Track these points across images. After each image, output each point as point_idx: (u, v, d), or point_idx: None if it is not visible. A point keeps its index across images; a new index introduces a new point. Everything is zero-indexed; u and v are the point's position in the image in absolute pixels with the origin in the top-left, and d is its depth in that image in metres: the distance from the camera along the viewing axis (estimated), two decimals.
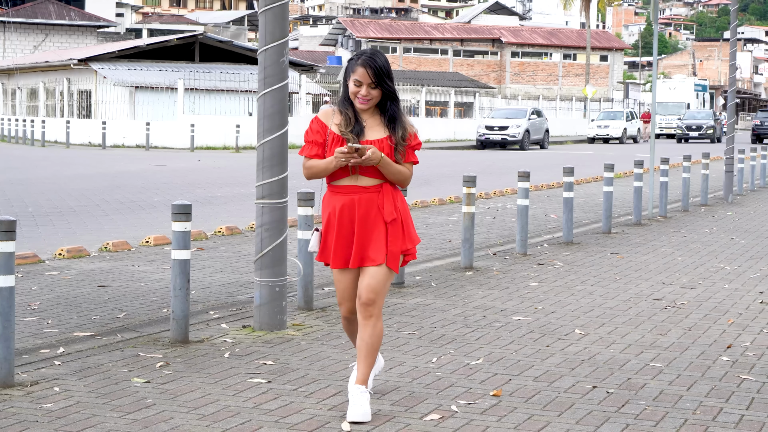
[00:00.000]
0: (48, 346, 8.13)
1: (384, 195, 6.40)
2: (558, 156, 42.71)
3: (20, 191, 21.76)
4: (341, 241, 6.39)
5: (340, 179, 6.40)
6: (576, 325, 9.20)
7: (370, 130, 6.41)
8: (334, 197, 6.43)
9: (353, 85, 6.37)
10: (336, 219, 6.38)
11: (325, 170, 6.36)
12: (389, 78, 6.43)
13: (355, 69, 6.37)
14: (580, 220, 17.80)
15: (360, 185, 6.38)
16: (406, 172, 6.48)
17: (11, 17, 69.88)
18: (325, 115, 6.49)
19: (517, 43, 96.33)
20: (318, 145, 6.40)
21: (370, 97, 6.36)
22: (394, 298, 10.35)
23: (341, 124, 6.37)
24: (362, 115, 6.45)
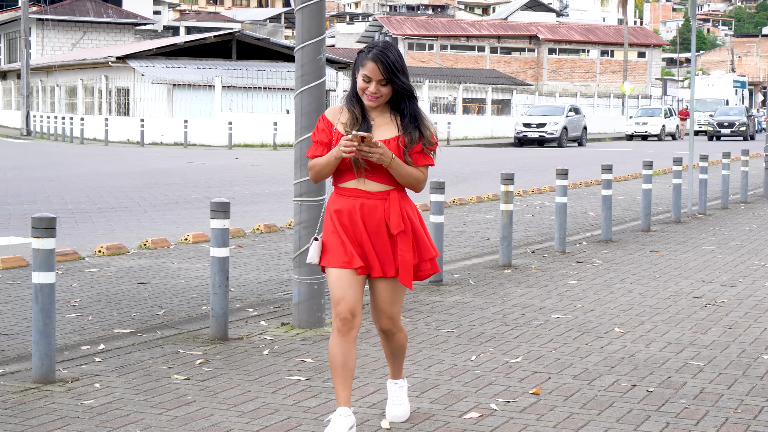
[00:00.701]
0: (88, 343, 8.17)
1: (391, 203, 5.79)
2: (596, 153, 42.54)
3: (60, 188, 21.89)
4: (345, 240, 5.79)
5: (345, 181, 5.83)
6: (615, 323, 9.16)
7: (379, 129, 5.84)
8: (336, 198, 5.87)
9: (362, 80, 5.79)
10: (336, 218, 5.81)
11: (325, 165, 5.78)
12: (403, 74, 5.83)
13: (365, 63, 5.78)
14: (618, 218, 17.73)
15: (365, 190, 5.78)
16: (420, 175, 5.84)
17: (49, 15, 70.23)
18: (332, 113, 5.95)
19: (554, 39, 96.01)
20: (323, 145, 5.85)
21: (379, 95, 5.79)
22: (432, 296, 10.34)
23: (348, 123, 5.83)
24: (371, 113, 5.88)
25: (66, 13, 74.50)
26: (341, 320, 5.77)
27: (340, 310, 5.76)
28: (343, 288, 5.77)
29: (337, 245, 5.79)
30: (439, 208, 11.20)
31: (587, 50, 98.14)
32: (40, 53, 72.22)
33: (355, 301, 5.77)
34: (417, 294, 10.43)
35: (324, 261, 5.84)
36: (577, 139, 52.17)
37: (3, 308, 9.55)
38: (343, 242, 5.78)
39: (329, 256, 5.82)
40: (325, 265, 5.83)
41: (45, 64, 59.72)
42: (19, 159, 32.79)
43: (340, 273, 5.77)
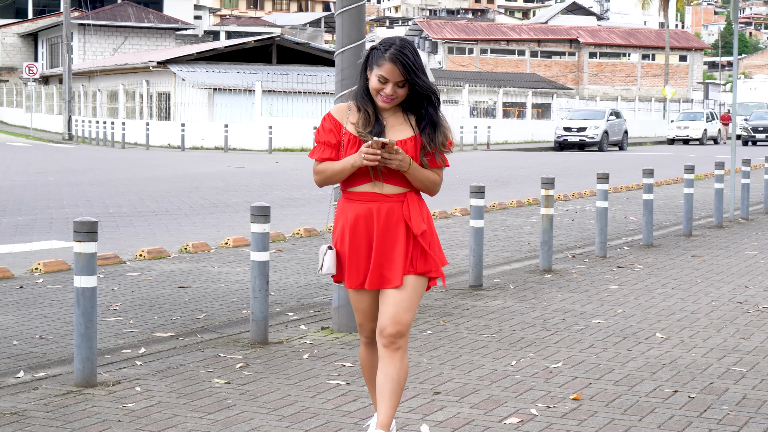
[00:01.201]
0: (129, 347, 8.20)
1: (410, 205, 5.44)
2: (637, 157, 42.35)
3: (101, 193, 22.02)
4: (355, 257, 5.46)
5: (358, 185, 5.44)
6: (657, 328, 9.10)
7: (392, 129, 5.43)
8: (349, 205, 5.47)
9: (376, 80, 5.36)
10: (348, 231, 5.45)
11: (341, 172, 5.39)
12: (423, 73, 5.40)
13: (381, 63, 5.35)
14: (660, 223, 17.63)
15: (382, 193, 5.41)
16: (436, 178, 5.49)
17: (91, 20, 70.72)
18: (339, 112, 5.51)
19: (594, 43, 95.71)
20: (331, 146, 5.44)
21: (395, 97, 5.38)
22: (472, 301, 10.32)
23: (359, 123, 5.40)
24: (383, 113, 5.46)
25: (107, 18, 74.98)
26: (366, 337, 5.67)
27: (363, 329, 5.65)
28: (362, 308, 5.58)
29: (349, 261, 5.48)
30: (480, 213, 11.18)
31: (628, 54, 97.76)
32: (81, 58, 72.71)
33: (375, 320, 5.57)
34: (457, 299, 10.42)
35: (340, 278, 5.56)
36: (618, 143, 51.94)
37: (45, 312, 9.61)
38: (353, 258, 5.46)
39: (347, 273, 5.50)
40: (343, 283, 5.56)
41: (87, 69, 60.10)
42: (61, 163, 33.02)
43: (359, 293, 5.54)
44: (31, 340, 8.46)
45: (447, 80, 66.54)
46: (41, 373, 7.35)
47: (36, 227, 15.98)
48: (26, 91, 66.50)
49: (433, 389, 6.98)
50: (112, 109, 56.74)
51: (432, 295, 10.58)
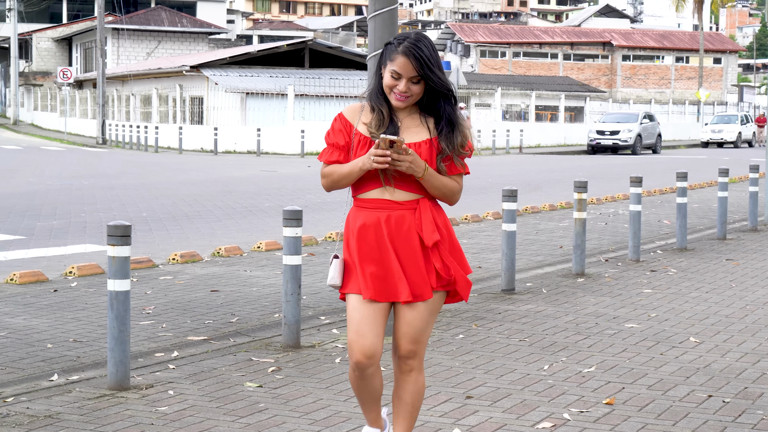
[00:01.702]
0: (162, 350, 8.23)
1: (422, 213, 4.99)
2: (671, 160, 42.17)
3: (135, 196, 22.12)
4: (365, 267, 5.02)
5: (367, 191, 5.05)
6: (690, 332, 9.06)
7: (407, 131, 5.04)
8: (358, 213, 5.10)
9: (390, 76, 4.99)
10: (356, 241, 5.06)
11: (348, 176, 5.02)
12: (439, 69, 5.02)
13: (394, 57, 4.97)
14: (693, 226, 17.54)
15: (392, 199, 5.00)
16: (455, 186, 5.07)
17: (125, 24, 71.08)
18: (351, 112, 5.15)
19: (628, 46, 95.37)
20: (339, 148, 5.07)
21: (409, 94, 4.99)
22: (504, 305, 10.30)
23: (371, 124, 5.03)
24: (398, 114, 5.08)
25: (141, 22, 75.33)
26: (355, 363, 5.05)
27: (353, 351, 5.02)
28: (365, 323, 5.01)
29: (362, 270, 5.04)
30: (512, 216, 11.15)
31: (662, 56, 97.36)
32: (115, 62, 73.08)
33: (371, 343, 5.01)
34: (489, 303, 10.40)
35: (342, 286, 5.11)
36: (652, 146, 51.73)
37: (79, 315, 9.66)
38: (366, 267, 5.03)
39: (347, 281, 5.09)
40: (342, 290, 5.11)
41: (120, 73, 60.39)
42: (94, 167, 33.19)
43: (358, 301, 5.03)
44: (65, 343, 8.51)
45: (479, 84, 66.47)
46: (75, 376, 7.38)
47: (70, 231, 16.07)
48: (60, 95, 66.90)
49: (465, 393, 6.97)
50: (145, 113, 56.99)
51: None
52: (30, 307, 10.02)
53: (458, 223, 17.67)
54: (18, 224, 16.69)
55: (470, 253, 14.15)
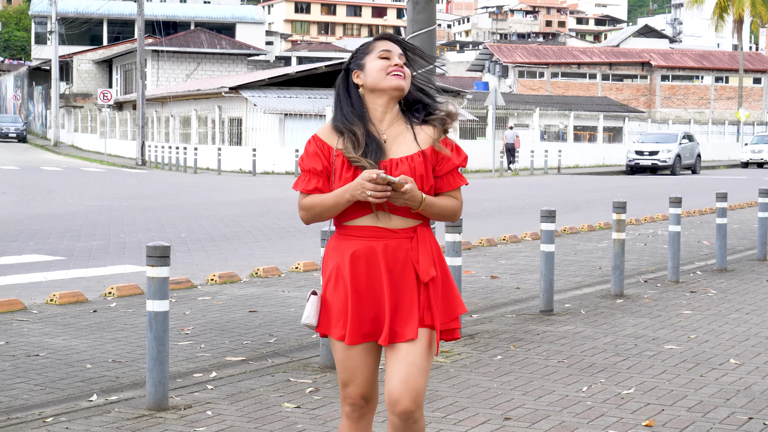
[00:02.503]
0: (201, 370, 8.25)
1: (420, 243, 4.45)
2: (710, 181, 41.94)
3: (174, 217, 22.21)
4: (357, 306, 4.44)
5: (357, 218, 4.45)
6: (731, 354, 8.99)
7: (394, 143, 4.48)
8: (345, 243, 4.47)
9: (378, 59, 4.50)
10: (348, 273, 4.43)
11: (334, 208, 4.42)
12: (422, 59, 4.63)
13: (372, 46, 4.56)
14: (733, 247, 17.43)
15: (386, 227, 4.43)
16: (455, 205, 4.55)
17: (165, 46, 71.53)
18: (326, 132, 4.52)
19: (667, 66, 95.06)
20: (317, 174, 4.47)
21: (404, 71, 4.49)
22: (543, 326, 10.26)
23: (346, 147, 4.44)
24: (380, 122, 4.50)
25: (181, 44, 75.80)
26: (350, 406, 4.58)
27: (349, 393, 4.56)
28: (353, 366, 4.50)
29: (345, 307, 4.48)
30: (550, 237, 11.12)
31: (701, 76, 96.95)
32: (155, 84, 73.55)
33: (368, 383, 4.55)
34: (527, 323, 10.36)
35: (325, 327, 4.54)
36: (691, 166, 51.46)
37: (118, 336, 9.70)
38: (357, 306, 4.45)
39: (333, 321, 4.51)
40: (326, 333, 4.55)
41: (160, 94, 60.75)
42: (134, 188, 33.38)
43: (352, 350, 4.49)
44: (104, 363, 8.54)
45: (517, 104, 66.40)
46: (114, 396, 7.41)
47: (109, 252, 16.15)
48: (100, 117, 67.38)
49: (503, 415, 6.94)
50: (184, 135, 57.29)
51: (502, 319, 10.54)
52: (69, 327, 10.08)
53: (496, 243, 17.64)
54: (58, 245, 16.79)
55: (508, 273, 14.12)
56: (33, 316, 10.58)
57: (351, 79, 4.56)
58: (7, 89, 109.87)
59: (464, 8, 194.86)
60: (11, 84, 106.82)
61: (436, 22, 9.14)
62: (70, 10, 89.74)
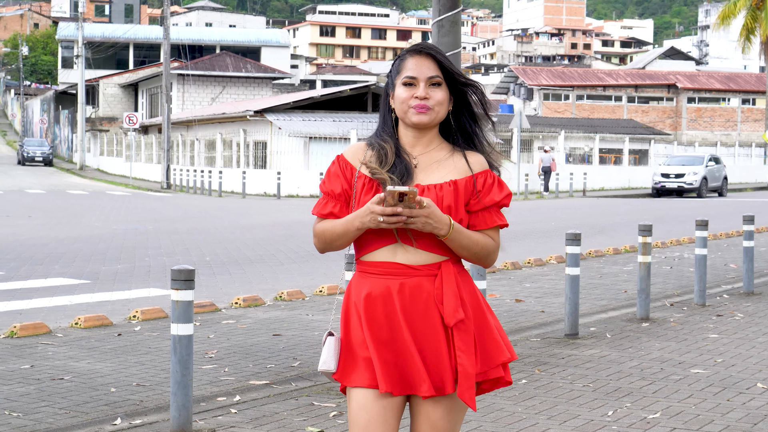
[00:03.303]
0: (224, 394, 8.24)
1: (444, 281, 3.88)
2: (737, 204, 41.76)
3: (198, 240, 22.25)
4: (378, 349, 3.90)
5: (373, 250, 3.94)
6: (758, 378, 8.92)
7: (426, 169, 3.97)
8: (363, 279, 3.96)
9: (403, 89, 3.95)
10: (364, 317, 3.93)
11: (343, 236, 3.92)
12: (461, 75, 4.02)
13: (403, 65, 3.98)
14: (761, 270, 17.33)
15: (406, 263, 3.89)
16: (490, 243, 4.00)
17: (190, 70, 71.86)
18: (353, 152, 4.05)
19: (693, 88, 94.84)
20: (335, 198, 4.00)
21: (431, 103, 3.93)
22: (568, 350, 10.21)
23: (370, 161, 3.96)
24: (412, 148, 4.00)
25: (206, 68, 76.13)
26: None
27: None
28: (369, 426, 3.89)
29: (362, 355, 3.94)
30: (576, 260, 11.08)
31: (728, 99, 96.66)
32: (180, 108, 73.86)
33: None
34: (552, 347, 10.31)
35: (342, 376, 3.99)
36: (718, 189, 51.28)
37: (142, 359, 9.70)
38: (375, 351, 3.91)
39: (350, 369, 3.96)
40: (343, 382, 4.00)
41: (185, 118, 60.99)
42: (159, 212, 33.48)
43: (366, 398, 3.91)
44: (129, 387, 8.54)
45: (543, 126, 66.33)
46: (138, 420, 7.40)
47: (134, 275, 16.19)
48: (126, 140, 67.66)
49: None
50: (209, 158, 57.47)
51: (527, 343, 10.49)
52: (94, 351, 10.09)
53: (521, 266, 17.59)
54: (83, 268, 16.84)
55: (533, 297, 14.07)
56: (58, 340, 10.60)
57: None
58: (33, 113, 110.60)
59: (489, 31, 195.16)
60: (38, 108, 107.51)
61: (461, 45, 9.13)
62: (97, 34, 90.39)
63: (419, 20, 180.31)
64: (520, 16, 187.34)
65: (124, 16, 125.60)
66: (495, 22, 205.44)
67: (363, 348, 3.94)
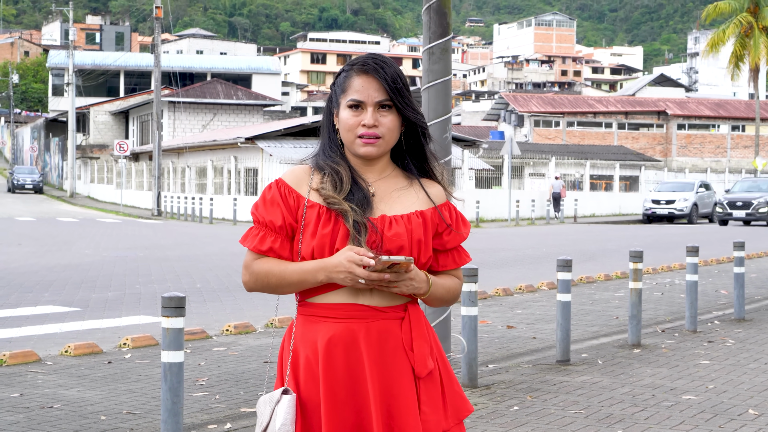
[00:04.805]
0: (215, 422, 8.21)
1: (413, 325, 3.48)
2: (728, 230, 41.82)
3: (189, 267, 22.21)
4: (332, 407, 3.39)
5: (328, 291, 3.45)
6: (750, 405, 8.91)
7: (386, 198, 3.52)
8: (314, 326, 3.45)
9: (348, 111, 3.48)
10: (322, 366, 3.40)
11: (298, 285, 3.43)
12: (410, 93, 3.55)
13: (349, 83, 3.51)
14: (751, 296, 17.33)
15: (370, 305, 3.43)
16: (458, 286, 3.64)
17: (181, 98, 71.94)
18: (296, 177, 3.53)
19: (683, 115, 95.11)
20: (275, 231, 3.47)
21: (382, 130, 3.46)
22: (559, 376, 10.19)
23: (326, 187, 3.45)
24: (365, 174, 3.54)
25: (197, 95, 76.19)
26: None
27: None
28: None
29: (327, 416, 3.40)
30: (567, 287, 11.07)
31: (717, 125, 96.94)
32: (171, 135, 73.88)
33: None
34: (544, 374, 10.29)
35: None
36: (708, 215, 51.38)
37: (132, 387, 9.67)
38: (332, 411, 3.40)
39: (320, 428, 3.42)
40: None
41: (176, 145, 61.02)
42: (149, 239, 33.43)
43: None
44: (119, 415, 8.50)
45: (533, 153, 66.48)
46: None
47: (125, 302, 16.14)
48: (117, 167, 67.66)
49: None
50: (200, 185, 57.47)
51: (518, 369, 10.47)
52: (84, 379, 10.05)
53: (513, 293, 17.57)
54: (73, 296, 16.79)
55: (525, 323, 14.05)
56: (48, 368, 10.56)
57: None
58: (24, 141, 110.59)
59: (480, 58, 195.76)
60: (28, 136, 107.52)
61: (451, 72, 9.16)
62: (87, 62, 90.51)
63: (410, 47, 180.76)
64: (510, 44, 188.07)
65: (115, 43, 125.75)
66: (485, 49, 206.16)
67: (315, 409, 3.42)
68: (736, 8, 68.71)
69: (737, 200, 47.20)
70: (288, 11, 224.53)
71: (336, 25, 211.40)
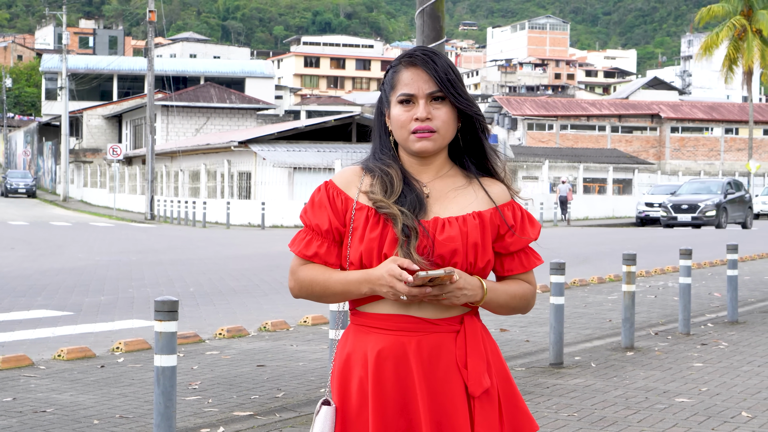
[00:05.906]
0: (208, 426, 8.20)
1: (468, 339, 3.26)
2: (721, 232, 41.85)
3: (182, 271, 22.19)
4: (385, 426, 3.23)
5: (377, 301, 3.28)
6: (743, 407, 8.91)
7: (441, 199, 3.32)
8: (363, 337, 3.30)
9: (399, 107, 3.30)
10: (371, 379, 3.24)
11: (342, 295, 3.28)
12: (463, 85, 3.33)
13: (398, 78, 3.34)
14: (745, 299, 17.35)
15: (421, 316, 3.24)
16: (528, 290, 3.42)
17: (174, 101, 71.88)
18: (346, 179, 3.35)
19: (676, 118, 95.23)
20: (321, 235, 3.31)
21: (436, 123, 3.27)
22: (553, 379, 10.19)
23: (375, 190, 3.27)
24: (420, 175, 3.34)
25: (190, 99, 76.17)
26: None
27: None
28: None
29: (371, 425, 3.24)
30: (560, 290, 11.08)
31: (711, 128, 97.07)
32: (164, 139, 73.85)
33: None
34: (537, 377, 10.29)
35: None
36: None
37: (126, 391, 9.65)
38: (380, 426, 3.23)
39: None
40: None
41: (170, 149, 61.01)
42: (143, 243, 33.40)
43: None
44: (112, 419, 8.49)
45: (527, 156, 66.53)
46: None
47: (118, 306, 16.13)
48: (110, 171, 67.61)
49: None
50: (193, 189, 57.44)
51: (512, 373, 10.47)
52: (77, 383, 10.03)
53: None
54: (66, 300, 16.77)
55: (518, 326, 14.05)
56: (40, 372, 10.54)
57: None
58: (17, 145, 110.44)
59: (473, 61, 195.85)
60: (21, 140, 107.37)
61: None
62: (81, 66, 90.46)
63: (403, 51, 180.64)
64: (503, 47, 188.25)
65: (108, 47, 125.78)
66: (479, 52, 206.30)
67: (364, 424, 3.25)
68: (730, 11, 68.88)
69: (683, 203, 44.96)
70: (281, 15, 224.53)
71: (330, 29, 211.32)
